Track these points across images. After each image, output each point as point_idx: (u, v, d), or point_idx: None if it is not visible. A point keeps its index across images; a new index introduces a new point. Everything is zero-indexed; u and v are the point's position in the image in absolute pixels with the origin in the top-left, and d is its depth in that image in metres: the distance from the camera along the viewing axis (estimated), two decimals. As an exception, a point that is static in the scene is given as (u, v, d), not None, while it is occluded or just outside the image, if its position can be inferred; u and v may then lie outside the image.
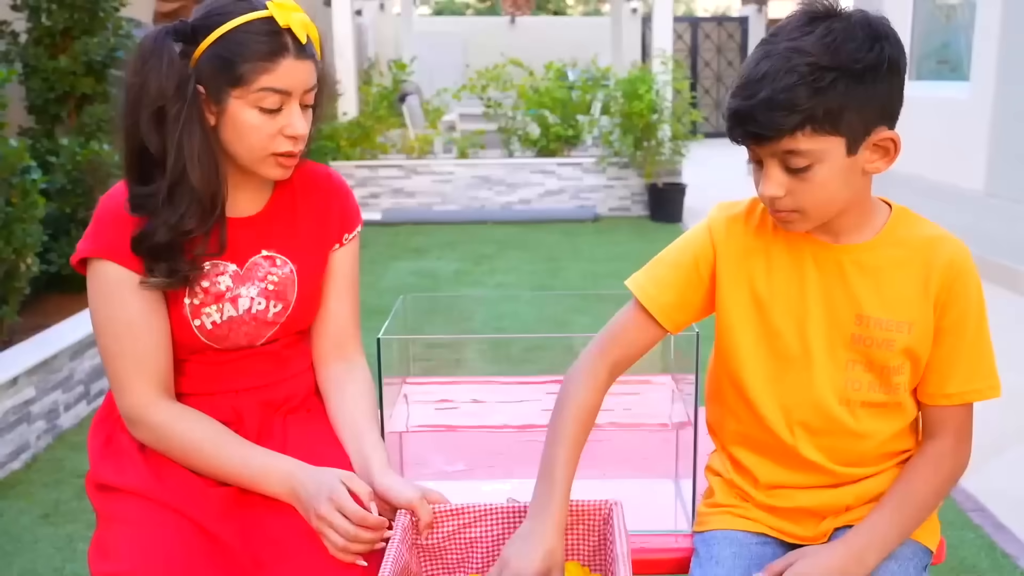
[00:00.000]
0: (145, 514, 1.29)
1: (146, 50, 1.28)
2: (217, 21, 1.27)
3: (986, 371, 1.24)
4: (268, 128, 1.30)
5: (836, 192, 1.16)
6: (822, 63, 1.08)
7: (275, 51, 1.26)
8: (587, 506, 1.31)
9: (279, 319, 1.43)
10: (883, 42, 1.11)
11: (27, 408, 3.05)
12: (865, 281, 1.23)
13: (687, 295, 1.30)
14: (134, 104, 1.28)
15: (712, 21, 16.64)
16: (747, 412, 1.31)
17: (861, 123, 1.12)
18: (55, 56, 4.22)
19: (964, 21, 6.31)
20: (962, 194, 5.87)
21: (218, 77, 1.26)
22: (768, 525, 1.33)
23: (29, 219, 3.38)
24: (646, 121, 7.39)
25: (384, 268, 5.89)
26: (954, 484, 1.30)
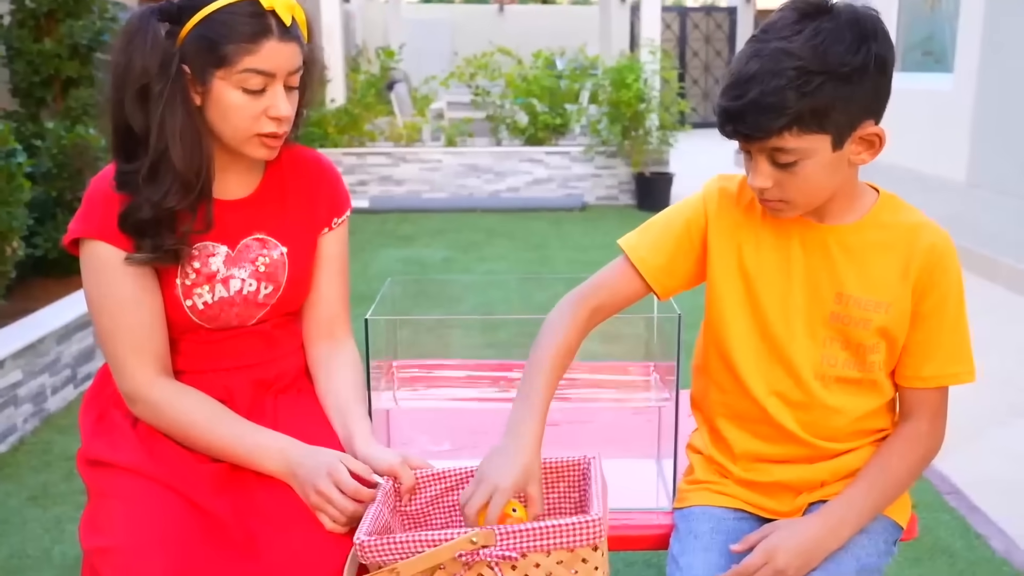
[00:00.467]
0: (137, 489, 1.31)
1: (131, 29, 1.30)
2: (202, 2, 1.28)
3: (963, 356, 1.28)
4: (252, 109, 1.31)
5: (822, 184, 1.20)
6: (810, 67, 1.11)
7: (258, 32, 1.28)
8: (567, 463, 1.34)
9: (269, 300, 1.45)
10: (870, 42, 1.14)
11: (14, 391, 3.05)
12: (848, 261, 1.27)
13: (677, 260, 1.33)
14: (119, 82, 1.30)
15: (700, 11, 16.65)
16: (730, 381, 1.35)
17: (847, 120, 1.16)
18: (40, 39, 4.20)
19: (949, 12, 6.35)
20: (945, 184, 5.93)
21: (203, 57, 1.28)
22: (745, 500, 1.37)
23: (14, 203, 3.37)
24: (634, 110, 7.41)
25: (372, 255, 5.90)
26: (928, 464, 1.33)
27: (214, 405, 1.38)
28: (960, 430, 1.35)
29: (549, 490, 1.36)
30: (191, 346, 1.43)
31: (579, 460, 1.34)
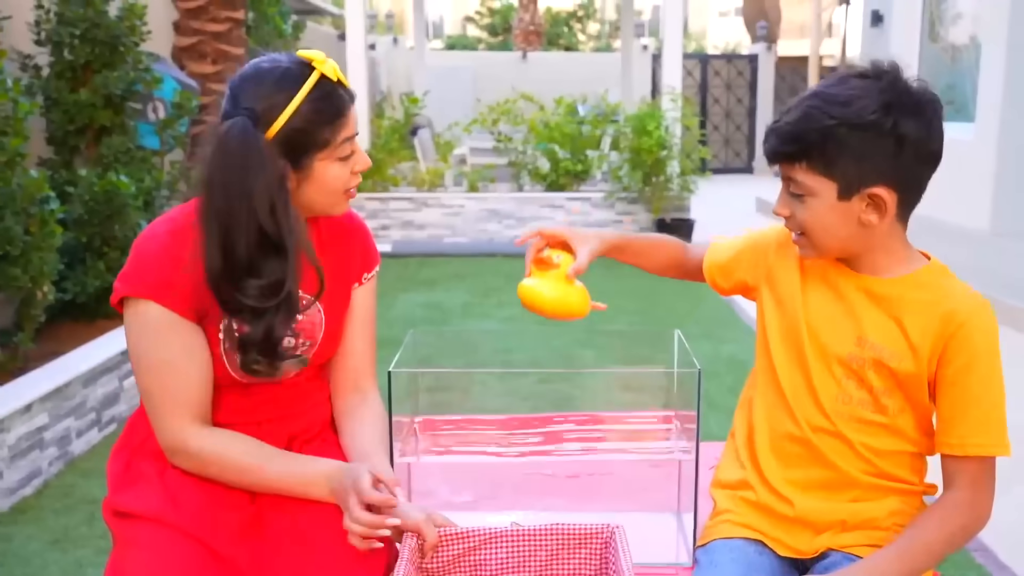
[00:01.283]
0: (160, 539, 1.33)
1: (241, 150, 1.27)
2: (281, 102, 1.29)
3: (990, 427, 1.27)
4: (346, 172, 1.38)
5: (829, 228, 1.27)
6: (830, 111, 1.21)
7: (342, 105, 1.34)
8: (589, 530, 1.34)
9: (306, 354, 1.47)
10: (896, 111, 1.20)
11: (40, 434, 3.09)
12: (872, 308, 1.31)
13: (736, 265, 1.51)
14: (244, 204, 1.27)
15: (722, 58, 16.79)
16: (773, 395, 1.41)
17: (856, 174, 1.22)
18: (76, 89, 4.32)
19: (970, 63, 6.38)
20: (969, 234, 5.90)
21: (300, 148, 1.31)
22: (764, 533, 1.38)
23: (46, 248, 3.45)
24: (655, 157, 7.46)
25: (393, 299, 5.94)
26: (969, 538, 1.30)
27: (253, 443, 1.40)
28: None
29: (569, 556, 1.36)
30: (226, 399, 1.45)
31: (601, 529, 1.34)
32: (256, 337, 1.33)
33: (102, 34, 4.29)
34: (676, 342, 1.73)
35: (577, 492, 1.65)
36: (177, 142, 5.03)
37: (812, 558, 1.36)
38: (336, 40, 11.77)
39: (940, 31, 6.94)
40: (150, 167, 4.63)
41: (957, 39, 6.69)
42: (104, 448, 3.38)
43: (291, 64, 1.33)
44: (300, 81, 1.31)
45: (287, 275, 1.31)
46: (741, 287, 1.51)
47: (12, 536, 2.71)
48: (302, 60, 1.34)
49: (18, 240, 3.28)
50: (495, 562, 1.35)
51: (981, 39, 6.17)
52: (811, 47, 15.57)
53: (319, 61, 1.33)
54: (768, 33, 16.03)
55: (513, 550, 1.34)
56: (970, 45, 6.43)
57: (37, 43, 4.28)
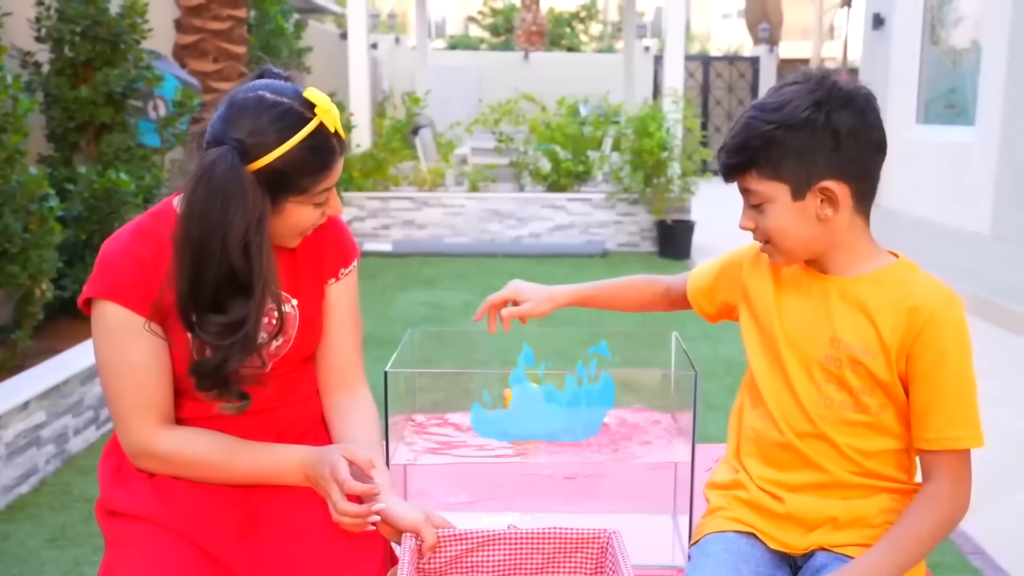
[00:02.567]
0: (152, 539, 1.32)
1: (224, 184, 1.25)
2: (273, 141, 1.28)
3: (965, 420, 1.28)
4: (315, 216, 1.39)
5: (791, 231, 1.32)
6: (767, 117, 1.29)
7: (330, 159, 1.34)
8: (585, 535, 1.34)
9: (281, 351, 1.47)
10: (826, 105, 1.27)
11: (37, 432, 3.09)
12: (843, 308, 1.34)
13: (717, 288, 1.56)
14: (218, 238, 1.25)
15: (724, 60, 16.80)
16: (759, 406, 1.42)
17: (803, 172, 1.28)
18: (76, 86, 4.31)
19: (971, 66, 6.37)
20: (969, 237, 5.90)
21: (277, 188, 1.31)
22: (755, 527, 1.39)
23: (45, 246, 3.44)
24: (656, 158, 7.46)
25: (393, 299, 5.94)
26: (953, 526, 1.32)
27: (221, 438, 1.39)
28: (985, 489, 1.34)
29: (565, 560, 1.36)
30: None
31: (598, 534, 1.34)
32: (208, 367, 1.32)
33: (103, 31, 4.28)
34: (674, 344, 1.72)
35: (574, 493, 1.65)
36: (178, 140, 5.02)
37: (803, 555, 1.37)
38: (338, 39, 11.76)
39: (941, 34, 6.94)
40: (150, 165, 4.63)
41: (958, 42, 6.69)
42: (101, 446, 3.36)
43: (293, 103, 1.31)
44: (298, 125, 1.30)
45: (249, 315, 1.29)
46: (725, 309, 1.55)
47: (9, 534, 2.71)
48: (306, 101, 1.31)
49: (17, 237, 3.28)
50: (492, 564, 1.35)
51: (982, 43, 6.17)
52: (813, 49, 15.58)
53: (322, 109, 1.31)
54: (770, 35, 16.03)
55: (510, 552, 1.34)
56: (971, 49, 6.42)
57: (38, 40, 4.27)
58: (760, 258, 1.45)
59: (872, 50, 7.70)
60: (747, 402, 1.46)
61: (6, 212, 3.25)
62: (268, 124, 1.28)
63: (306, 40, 8.57)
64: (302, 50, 8.27)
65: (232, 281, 1.28)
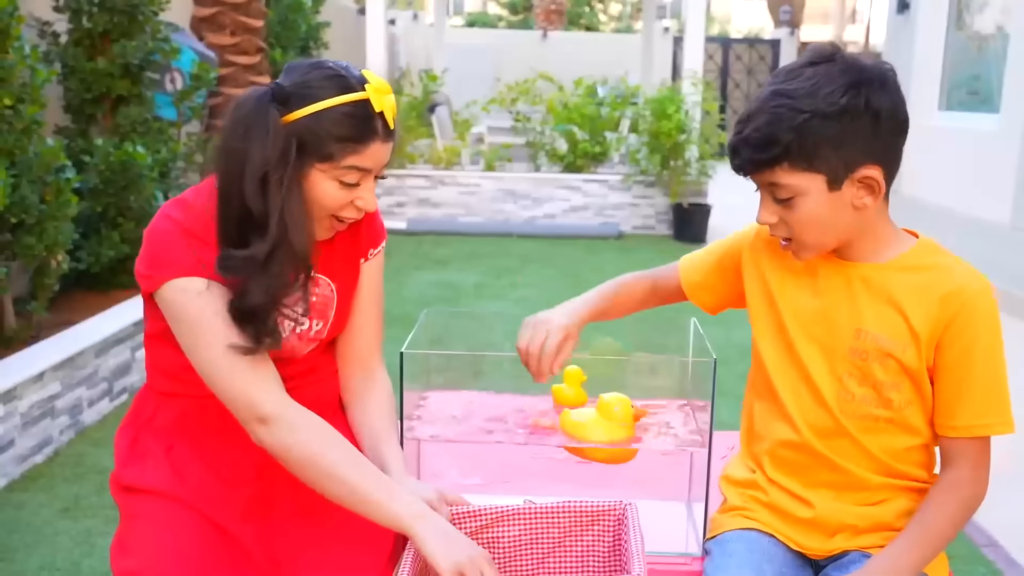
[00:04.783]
0: (166, 513, 1.33)
1: (248, 115, 1.27)
2: (314, 95, 1.27)
3: (996, 406, 1.25)
4: (341, 199, 1.33)
5: (825, 223, 1.24)
6: (798, 105, 1.19)
7: (366, 134, 1.30)
8: (602, 507, 1.33)
9: (320, 336, 1.47)
10: (864, 87, 1.19)
11: (51, 403, 3.10)
12: (869, 298, 1.28)
13: (714, 280, 1.49)
14: (236, 170, 1.26)
15: (744, 43, 16.63)
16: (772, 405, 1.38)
17: (840, 162, 1.20)
18: (93, 58, 4.30)
19: (996, 53, 6.28)
20: (988, 227, 5.83)
21: (306, 148, 1.28)
22: (777, 530, 1.36)
23: (62, 217, 3.45)
24: (674, 141, 7.40)
25: (407, 277, 5.93)
26: (971, 513, 1.31)
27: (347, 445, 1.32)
28: (998, 480, 1.32)
29: (582, 533, 1.35)
30: None
31: (614, 505, 1.33)
32: (235, 305, 1.28)
33: (121, 3, 4.26)
34: (692, 330, 1.70)
35: (587, 477, 1.64)
36: (194, 113, 5.01)
37: (827, 557, 1.35)
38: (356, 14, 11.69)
39: (967, 19, 6.83)
40: (167, 138, 4.62)
41: (984, 28, 6.59)
42: (115, 418, 3.39)
43: (349, 77, 1.30)
44: (345, 91, 1.29)
45: (260, 253, 1.26)
46: (728, 299, 1.49)
47: (23, 503, 2.72)
48: (361, 77, 1.31)
49: (33, 209, 3.28)
50: (508, 539, 1.35)
51: (1009, 29, 6.07)
52: (834, 33, 15.40)
53: (374, 87, 1.30)
54: (791, 18, 15.86)
55: (526, 527, 1.34)
56: (997, 35, 6.33)
57: (56, 10, 4.26)
58: (765, 248, 1.39)
59: (896, 35, 7.60)
60: (757, 400, 1.42)
61: (23, 183, 3.25)
62: (314, 80, 1.29)
63: (324, 15, 8.51)
64: (320, 25, 8.22)
65: (252, 216, 1.26)
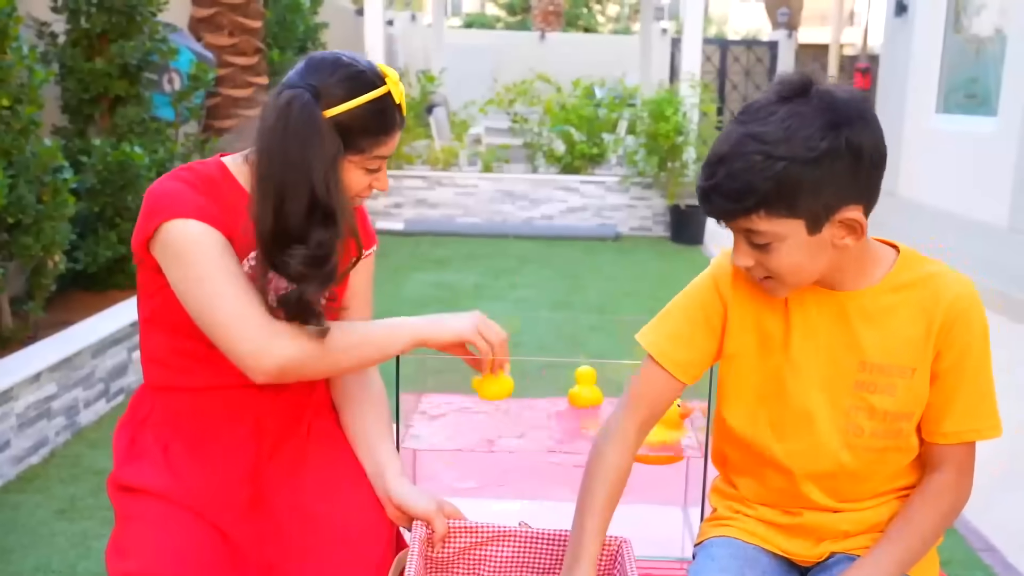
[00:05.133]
0: (162, 515, 1.33)
1: (301, 123, 1.28)
2: (345, 94, 1.32)
3: (985, 410, 1.25)
4: (364, 183, 1.39)
5: (804, 264, 1.18)
6: (774, 152, 1.11)
7: (391, 126, 1.37)
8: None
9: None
10: (842, 128, 1.11)
11: (48, 404, 3.10)
12: (868, 327, 1.24)
13: (702, 348, 1.32)
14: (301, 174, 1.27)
15: (741, 44, 16.63)
16: (751, 452, 1.33)
17: (820, 205, 1.14)
18: (91, 58, 4.29)
19: (994, 56, 6.29)
20: (986, 228, 5.84)
21: (341, 148, 1.32)
22: (765, 539, 1.35)
23: (59, 217, 3.44)
24: (671, 142, 7.40)
25: (405, 278, 5.93)
26: (955, 517, 1.30)
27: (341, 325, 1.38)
28: (995, 485, 1.32)
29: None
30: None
31: (608, 541, 1.32)
32: (292, 298, 1.30)
33: (119, 3, 4.25)
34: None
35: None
36: (192, 114, 5.01)
37: (814, 563, 1.34)
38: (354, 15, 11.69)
39: (965, 22, 6.84)
40: (164, 138, 4.61)
41: (982, 31, 6.60)
42: (112, 419, 3.39)
43: (367, 69, 1.36)
44: (368, 87, 1.34)
45: (332, 246, 1.32)
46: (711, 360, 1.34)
47: (19, 505, 2.72)
48: (377, 71, 1.37)
49: (31, 209, 3.28)
50: (499, 560, 1.34)
51: (1007, 31, 6.08)
52: (832, 35, 15.41)
53: (392, 80, 1.36)
54: (789, 20, 15.87)
55: (518, 550, 1.34)
56: (995, 37, 6.34)
57: (54, 10, 4.25)
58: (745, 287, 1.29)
59: (894, 37, 7.61)
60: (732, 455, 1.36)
61: (20, 183, 3.24)
62: (341, 80, 1.32)
63: (322, 16, 8.51)
64: (318, 26, 8.22)
65: (314, 214, 1.29)
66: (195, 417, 1.41)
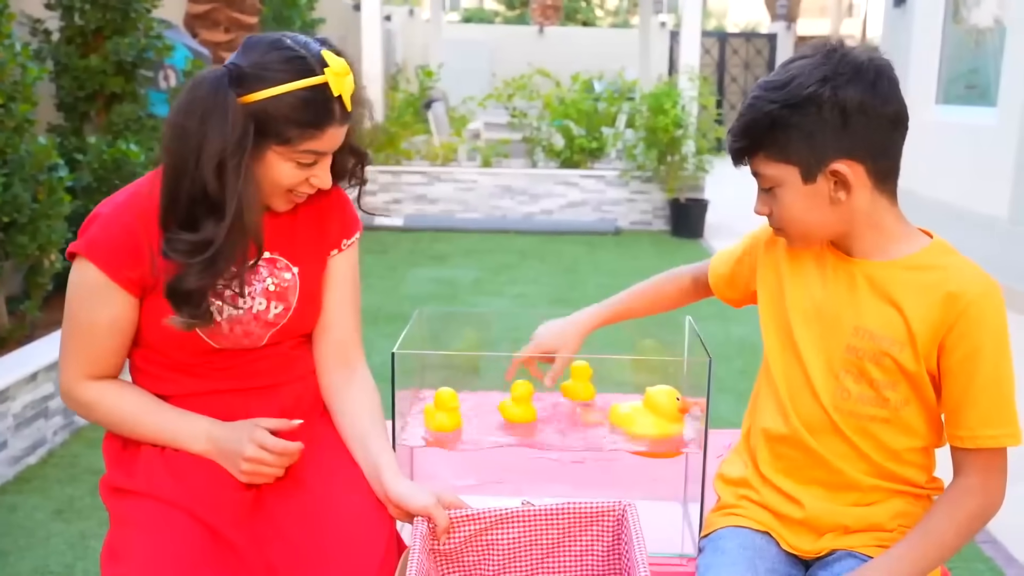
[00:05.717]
0: (158, 517, 1.31)
1: (206, 98, 1.27)
2: (272, 78, 1.28)
3: (1002, 417, 1.22)
4: (297, 178, 1.35)
5: (805, 215, 1.26)
6: (770, 96, 1.22)
7: (324, 120, 1.30)
8: (601, 508, 1.32)
9: (280, 320, 1.45)
10: (836, 80, 1.18)
11: (45, 403, 3.08)
12: (870, 296, 1.26)
13: (737, 274, 1.51)
14: (192, 152, 1.26)
15: (740, 37, 16.61)
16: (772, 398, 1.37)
17: (812, 154, 1.21)
18: (86, 55, 4.27)
19: (994, 47, 6.26)
20: (986, 221, 5.82)
21: (262, 131, 1.28)
22: (770, 527, 1.35)
23: (54, 216, 3.42)
24: (670, 136, 7.38)
25: (404, 274, 5.92)
26: (981, 524, 1.26)
27: (141, 399, 1.41)
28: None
29: (580, 534, 1.34)
30: (208, 368, 1.42)
31: (613, 506, 1.32)
32: (171, 285, 1.31)
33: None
34: (687, 328, 1.69)
35: (582, 478, 1.62)
36: (188, 111, 4.98)
37: (816, 557, 1.33)
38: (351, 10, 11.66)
39: (964, 13, 6.81)
40: (160, 136, 4.58)
41: (981, 21, 6.57)
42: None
43: (308, 56, 1.30)
44: (302, 74, 1.28)
45: (216, 237, 1.28)
46: (748, 295, 1.49)
47: (16, 506, 2.71)
48: (321, 58, 1.30)
49: (26, 207, 3.26)
50: (507, 542, 1.33)
51: (1006, 22, 6.05)
52: (831, 27, 15.37)
53: (333, 71, 1.30)
54: (788, 12, 15.83)
55: (525, 530, 1.33)
56: (995, 28, 6.31)
57: (47, 7, 4.23)
58: (777, 241, 1.39)
59: (893, 28, 7.58)
60: (762, 392, 1.42)
61: (15, 182, 3.23)
62: (273, 63, 1.29)
63: (319, 11, 8.49)
64: (315, 21, 8.20)
65: (205, 199, 1.28)
66: None
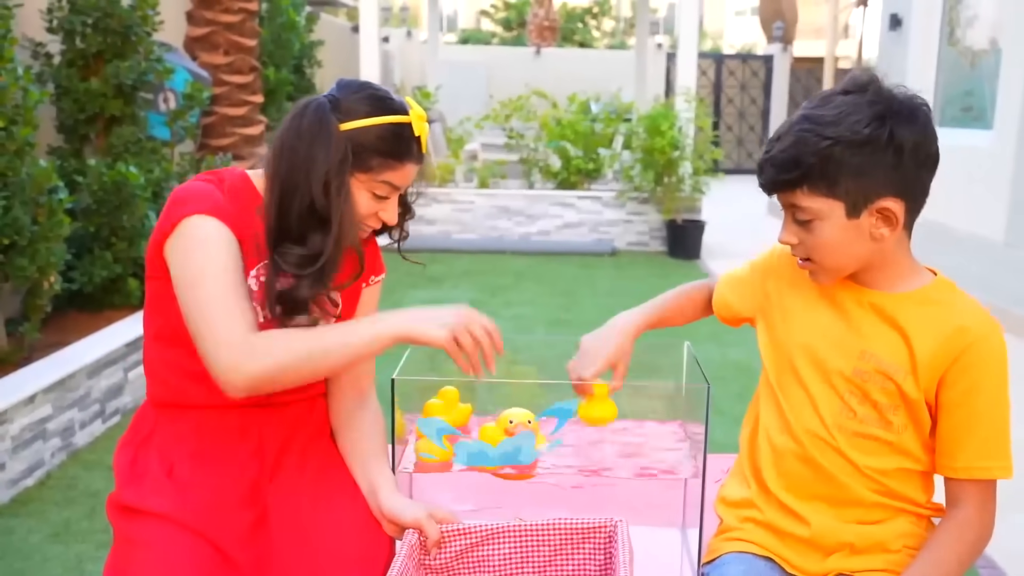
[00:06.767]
0: (163, 538, 1.32)
1: (312, 122, 1.36)
2: (365, 111, 1.38)
3: (996, 450, 1.26)
4: (370, 209, 1.42)
5: (841, 249, 1.26)
6: (823, 132, 1.21)
7: (405, 154, 1.40)
8: (592, 525, 1.33)
9: None
10: (890, 120, 1.20)
11: (43, 425, 3.08)
12: (877, 322, 1.30)
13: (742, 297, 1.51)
14: (302, 171, 1.35)
15: (737, 58, 16.71)
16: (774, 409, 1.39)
17: (860, 191, 1.22)
18: (87, 78, 4.30)
19: (989, 69, 6.31)
20: (982, 243, 5.85)
21: (349, 158, 1.36)
22: (773, 551, 1.36)
23: (54, 238, 3.43)
24: (667, 157, 7.41)
25: (401, 296, 5.92)
26: (979, 553, 1.30)
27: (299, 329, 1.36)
28: (999, 505, 1.32)
29: (573, 551, 1.35)
30: None
31: (605, 523, 1.33)
32: (286, 295, 1.38)
33: (114, 23, 4.27)
34: (686, 354, 1.70)
35: (580, 504, 1.62)
36: (188, 133, 5.01)
37: None
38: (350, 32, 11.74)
39: (959, 35, 6.87)
40: (160, 158, 4.61)
41: (976, 43, 6.63)
42: (107, 440, 3.37)
43: (394, 98, 1.42)
44: (390, 111, 1.39)
45: (325, 249, 1.36)
46: (748, 319, 1.51)
47: (13, 529, 2.70)
48: (405, 103, 1.42)
49: (26, 230, 3.27)
50: (499, 558, 1.34)
51: (1001, 44, 6.11)
52: (827, 49, 15.48)
53: (416, 113, 1.41)
54: (784, 34, 15.94)
55: (517, 546, 1.34)
56: (990, 50, 6.36)
57: (49, 31, 4.26)
58: (784, 268, 1.42)
59: (889, 51, 7.64)
60: (760, 414, 1.43)
61: (15, 204, 3.24)
62: (365, 98, 1.39)
63: (318, 33, 8.55)
64: (314, 43, 8.26)
65: (312, 215, 1.35)
66: (199, 436, 1.42)
